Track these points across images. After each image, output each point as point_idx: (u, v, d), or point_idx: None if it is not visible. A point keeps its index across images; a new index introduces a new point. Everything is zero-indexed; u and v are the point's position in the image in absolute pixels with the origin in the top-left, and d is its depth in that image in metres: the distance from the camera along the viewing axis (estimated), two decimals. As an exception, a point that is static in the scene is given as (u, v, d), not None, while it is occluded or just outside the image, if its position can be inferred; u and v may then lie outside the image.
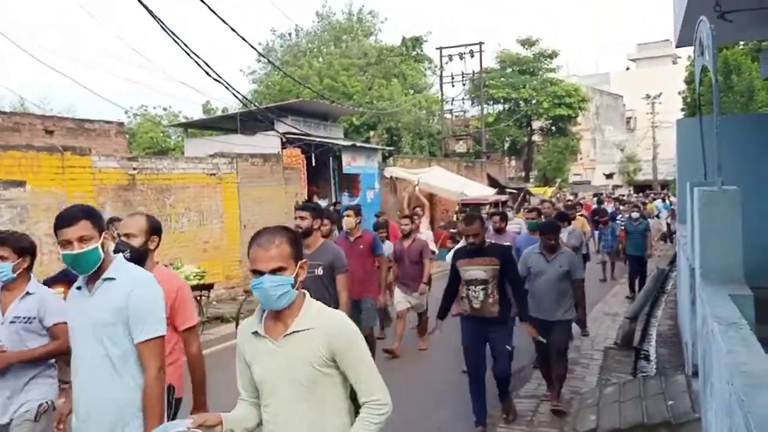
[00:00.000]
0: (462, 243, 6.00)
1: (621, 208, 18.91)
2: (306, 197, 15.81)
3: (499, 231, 8.02)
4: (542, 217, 8.74)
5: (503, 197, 23.13)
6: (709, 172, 5.41)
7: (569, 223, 9.43)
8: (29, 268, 3.73)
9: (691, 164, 7.13)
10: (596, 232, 14.87)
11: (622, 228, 13.20)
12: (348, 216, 7.27)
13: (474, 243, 5.47)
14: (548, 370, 6.25)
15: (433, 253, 10.23)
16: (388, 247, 8.46)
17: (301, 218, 5.97)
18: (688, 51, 14.81)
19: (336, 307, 4.16)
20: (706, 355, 4.03)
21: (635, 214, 12.47)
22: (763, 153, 8.25)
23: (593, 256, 13.11)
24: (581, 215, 13.12)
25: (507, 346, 5.55)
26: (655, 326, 9.55)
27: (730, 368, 2.75)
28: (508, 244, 7.05)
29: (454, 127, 34.30)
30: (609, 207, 21.95)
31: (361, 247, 7.16)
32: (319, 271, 5.11)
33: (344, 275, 5.34)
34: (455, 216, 19.61)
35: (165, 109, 31.95)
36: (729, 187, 4.46)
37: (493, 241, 6.24)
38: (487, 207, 17.68)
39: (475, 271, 5.42)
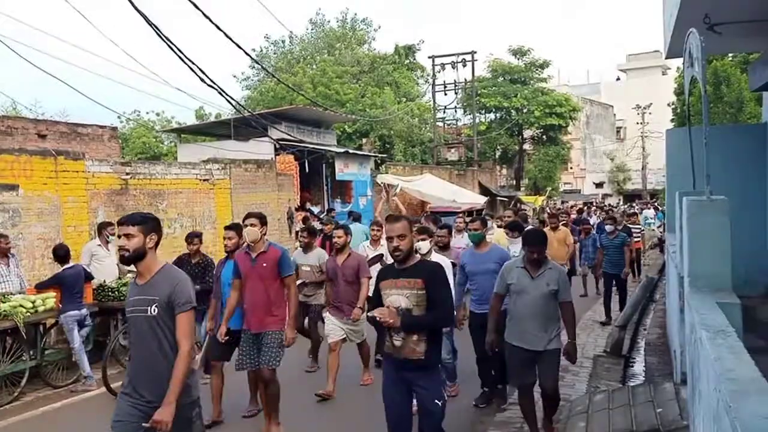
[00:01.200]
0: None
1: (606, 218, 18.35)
2: (299, 203, 15.84)
3: (444, 247, 7.09)
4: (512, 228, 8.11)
5: (478, 204, 21.81)
6: (698, 181, 5.48)
7: (520, 234, 9.01)
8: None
9: (681, 174, 7.22)
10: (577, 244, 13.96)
11: (599, 246, 11.77)
12: (253, 226, 5.65)
13: (399, 254, 4.08)
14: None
15: None
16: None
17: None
18: (678, 62, 14.98)
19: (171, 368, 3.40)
20: (695, 362, 4.09)
21: (609, 227, 11.20)
22: (751, 163, 8.38)
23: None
24: (565, 224, 12.34)
25: (436, 401, 4.08)
26: (644, 334, 9.62)
27: (717, 375, 2.78)
28: (448, 261, 6.25)
29: (446, 135, 34.42)
30: (592, 217, 21.57)
31: (264, 265, 5.63)
32: (153, 311, 3.52)
33: (188, 314, 3.58)
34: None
35: (158, 115, 31.90)
36: (717, 197, 4.52)
37: (423, 258, 5.03)
38: (460, 216, 15.75)
39: (396, 296, 4.05)
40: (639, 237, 16.00)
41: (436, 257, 6.11)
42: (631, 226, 14.64)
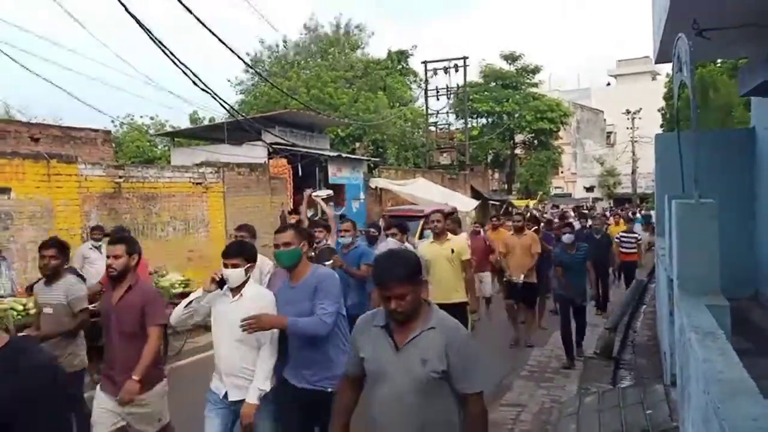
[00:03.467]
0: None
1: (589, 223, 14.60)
2: (292, 207, 15.85)
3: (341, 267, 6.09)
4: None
5: (447, 207, 17.48)
6: (686, 185, 5.55)
7: (376, 239, 8.35)
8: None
9: (670, 178, 7.30)
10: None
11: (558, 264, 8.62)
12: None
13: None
14: None
15: None
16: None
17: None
18: (667, 67, 15.10)
19: None
20: (684, 364, 4.13)
21: (567, 237, 8.36)
22: (739, 167, 8.48)
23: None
24: (536, 230, 10.76)
25: None
26: (635, 336, 9.68)
27: (706, 377, 2.82)
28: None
29: (438, 140, 34.49)
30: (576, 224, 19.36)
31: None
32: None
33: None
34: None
35: (152, 119, 31.75)
36: (706, 200, 4.59)
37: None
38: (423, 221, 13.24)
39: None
40: (633, 247, 13.36)
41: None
42: (624, 234, 13.54)
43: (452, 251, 6.78)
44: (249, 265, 3.94)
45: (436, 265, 6.73)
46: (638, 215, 26.71)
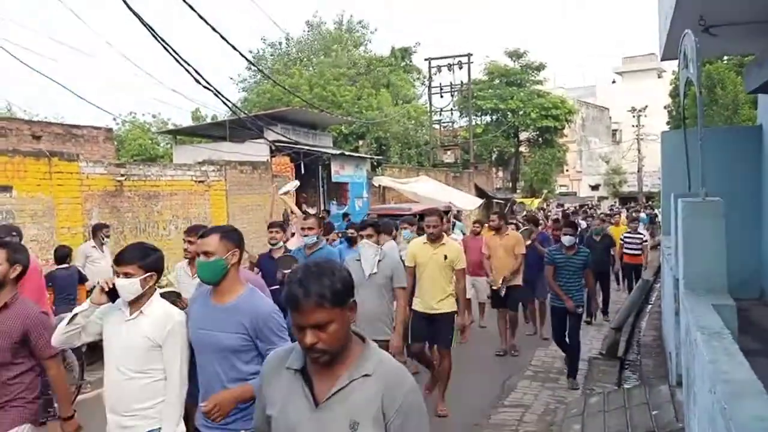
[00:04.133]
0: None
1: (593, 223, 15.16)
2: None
3: None
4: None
5: (443, 205, 15.49)
6: (693, 183, 5.48)
7: (355, 241, 7.08)
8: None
9: (676, 176, 7.23)
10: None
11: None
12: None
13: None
14: None
15: None
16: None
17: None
18: (673, 65, 15.00)
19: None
20: (690, 364, 4.08)
21: (568, 239, 7.35)
22: (746, 165, 8.39)
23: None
24: (529, 230, 10.27)
25: None
26: (640, 336, 9.61)
27: (712, 377, 2.78)
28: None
29: (442, 138, 34.43)
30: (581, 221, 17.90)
31: None
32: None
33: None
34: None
35: (154, 116, 31.82)
36: (712, 198, 4.52)
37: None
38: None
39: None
40: (638, 249, 12.33)
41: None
42: (628, 235, 12.41)
43: (445, 257, 6.09)
44: (147, 275, 3.12)
45: (426, 270, 6.12)
46: (642, 214, 26.50)
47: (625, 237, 12.49)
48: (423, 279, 6.14)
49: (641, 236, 12.57)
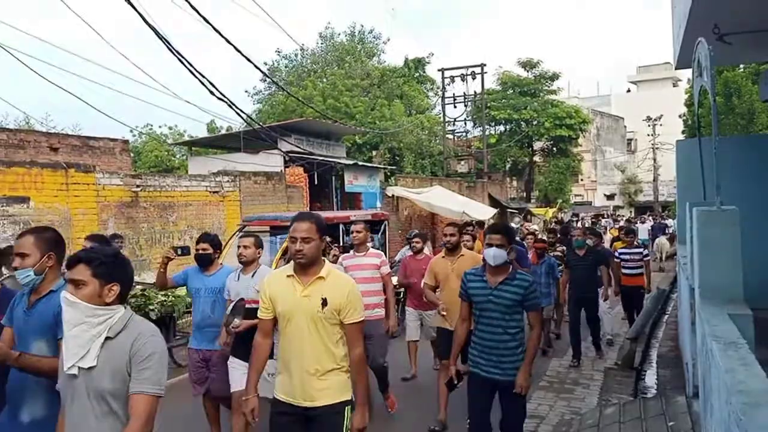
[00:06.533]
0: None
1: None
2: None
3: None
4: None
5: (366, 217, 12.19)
6: (708, 192, 5.44)
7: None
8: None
9: (691, 185, 7.18)
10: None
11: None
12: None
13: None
14: None
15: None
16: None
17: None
18: (689, 73, 14.90)
19: None
20: (706, 375, 4.03)
21: (492, 251, 4.63)
22: (761, 174, 8.31)
23: None
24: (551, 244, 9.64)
25: None
26: (656, 347, 9.52)
27: (728, 387, 2.75)
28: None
29: (455, 148, 34.41)
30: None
31: None
32: None
33: None
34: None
35: (171, 128, 32.13)
36: (728, 207, 4.48)
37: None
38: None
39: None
40: (638, 266, 10.16)
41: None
42: (625, 251, 10.30)
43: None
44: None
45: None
46: (641, 224, 25.78)
47: (621, 253, 10.26)
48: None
49: (640, 251, 10.32)
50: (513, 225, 17.37)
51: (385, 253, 8.94)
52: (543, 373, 8.10)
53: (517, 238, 9.78)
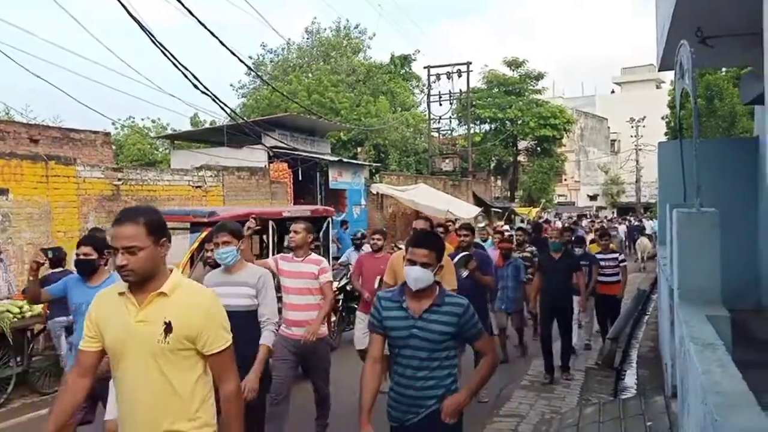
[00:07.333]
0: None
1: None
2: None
3: None
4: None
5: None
6: (688, 194, 5.48)
7: None
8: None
9: (672, 187, 7.23)
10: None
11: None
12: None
13: None
14: None
15: None
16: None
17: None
18: (672, 75, 15.02)
19: None
20: (684, 375, 4.06)
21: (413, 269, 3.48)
22: (742, 177, 8.39)
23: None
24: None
25: None
26: (637, 347, 9.59)
27: (704, 388, 2.76)
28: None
29: (441, 146, 34.48)
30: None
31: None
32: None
33: None
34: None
35: (153, 121, 31.84)
36: (707, 209, 4.52)
37: None
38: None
39: None
40: (614, 273, 9.30)
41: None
42: (601, 256, 9.28)
43: None
44: None
45: None
46: (619, 225, 26.04)
47: (598, 258, 9.23)
48: None
49: (616, 256, 9.50)
50: (479, 225, 16.27)
51: (327, 258, 8.13)
52: (525, 372, 8.14)
53: (478, 239, 9.45)
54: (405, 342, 3.22)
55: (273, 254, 7.05)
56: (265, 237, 8.64)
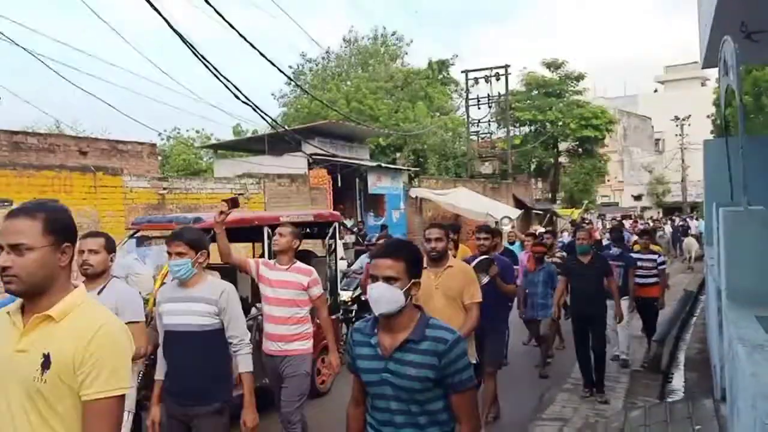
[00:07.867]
0: None
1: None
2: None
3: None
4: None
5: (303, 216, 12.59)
6: (735, 193, 5.35)
7: None
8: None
9: (718, 185, 7.06)
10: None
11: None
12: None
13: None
14: None
15: None
16: None
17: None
18: (717, 72, 14.63)
19: None
20: (733, 378, 3.97)
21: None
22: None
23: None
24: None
25: None
26: (684, 349, 9.38)
27: (754, 391, 2.71)
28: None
29: (479, 149, 34.28)
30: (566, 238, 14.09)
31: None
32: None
33: None
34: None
35: (198, 132, 32.55)
36: (755, 207, 4.41)
37: None
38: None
39: None
40: (653, 275, 8.68)
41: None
42: (638, 257, 8.71)
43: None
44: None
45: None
46: (694, 221, 25.41)
47: (636, 259, 8.68)
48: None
49: (655, 257, 8.86)
50: (503, 228, 15.32)
51: (336, 267, 7.60)
52: (568, 374, 8.03)
53: (506, 244, 9.02)
54: (379, 390, 2.41)
55: None
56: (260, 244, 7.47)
